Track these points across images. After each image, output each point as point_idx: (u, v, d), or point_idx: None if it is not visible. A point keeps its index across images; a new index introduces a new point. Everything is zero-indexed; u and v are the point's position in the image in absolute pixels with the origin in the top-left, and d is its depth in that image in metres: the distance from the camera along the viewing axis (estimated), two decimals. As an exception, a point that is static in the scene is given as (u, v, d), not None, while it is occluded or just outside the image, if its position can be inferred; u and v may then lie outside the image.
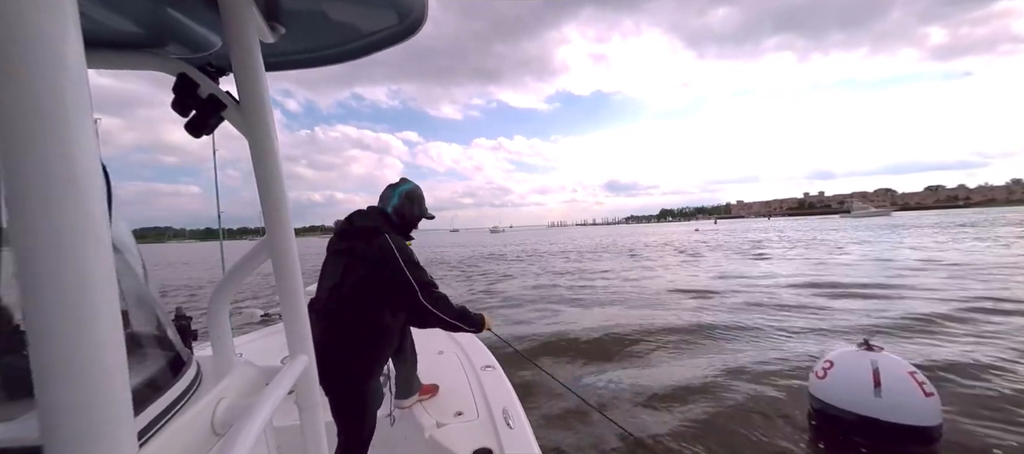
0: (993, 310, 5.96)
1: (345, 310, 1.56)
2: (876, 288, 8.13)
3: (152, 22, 0.73)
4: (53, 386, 0.27)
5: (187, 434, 0.66)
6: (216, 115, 0.78)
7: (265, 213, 0.79)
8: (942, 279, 8.77)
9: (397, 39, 0.92)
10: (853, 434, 2.70)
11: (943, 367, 3.91)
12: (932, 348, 4.54)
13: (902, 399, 2.58)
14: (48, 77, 0.26)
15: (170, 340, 0.84)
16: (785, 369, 4.07)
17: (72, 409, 0.27)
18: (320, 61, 1.02)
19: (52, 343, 0.26)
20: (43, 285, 0.26)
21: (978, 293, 7.10)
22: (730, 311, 6.77)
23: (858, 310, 6.41)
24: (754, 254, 16.99)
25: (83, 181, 0.28)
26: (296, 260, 0.84)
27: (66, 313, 0.27)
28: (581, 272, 13.37)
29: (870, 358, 2.70)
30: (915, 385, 2.59)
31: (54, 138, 0.26)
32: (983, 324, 5.34)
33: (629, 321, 6.26)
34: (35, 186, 0.26)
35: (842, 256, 14.53)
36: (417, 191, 1.79)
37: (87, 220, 0.28)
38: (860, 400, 2.66)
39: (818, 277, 9.92)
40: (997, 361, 4.03)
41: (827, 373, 2.84)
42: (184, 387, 0.75)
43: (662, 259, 16.90)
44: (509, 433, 1.62)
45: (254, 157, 0.76)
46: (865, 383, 2.66)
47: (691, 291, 8.88)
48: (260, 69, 0.72)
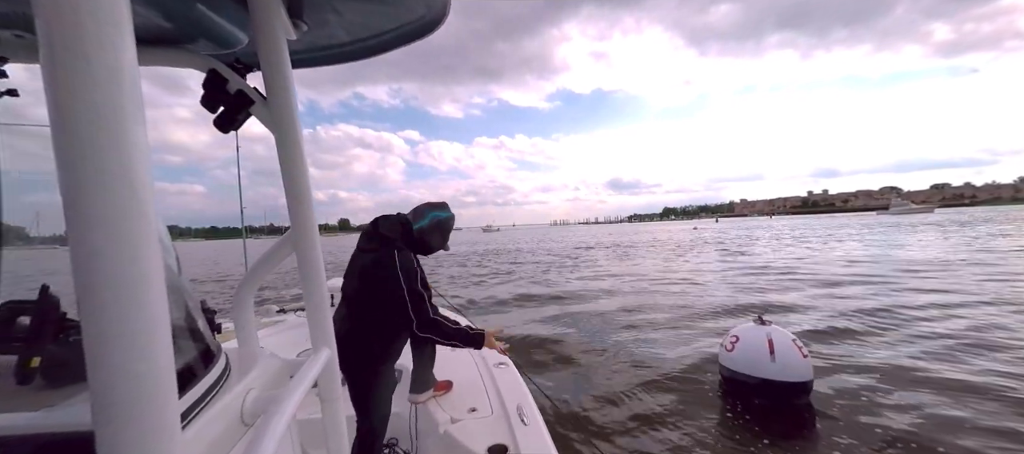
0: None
1: (360, 307, 1.66)
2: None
3: (184, 18, 0.74)
4: (105, 371, 0.28)
5: (220, 423, 0.68)
6: (244, 111, 0.79)
7: (290, 208, 0.80)
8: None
9: (421, 33, 0.92)
10: (755, 394, 3.24)
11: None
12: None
13: (789, 362, 3.13)
14: (106, 81, 0.27)
15: (202, 332, 0.85)
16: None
17: (122, 392, 0.28)
18: (344, 57, 1.02)
19: (104, 330, 0.28)
20: (98, 279, 0.27)
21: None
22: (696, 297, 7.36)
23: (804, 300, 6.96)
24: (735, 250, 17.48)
25: (137, 180, 0.29)
26: (320, 255, 0.84)
27: (119, 304, 0.28)
28: (547, 281, 12.49)
29: (765, 331, 3.24)
30: (796, 349, 3.16)
31: (111, 141, 0.27)
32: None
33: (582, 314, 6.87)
34: (93, 186, 0.27)
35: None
36: (449, 223, 1.81)
37: (140, 218, 0.29)
38: (761, 366, 3.20)
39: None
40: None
41: (735, 346, 3.37)
42: (215, 378, 0.76)
43: (650, 255, 17.41)
44: (524, 430, 1.61)
45: (280, 153, 0.78)
46: (763, 352, 3.19)
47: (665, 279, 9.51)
48: (287, 65, 0.74)
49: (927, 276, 8.91)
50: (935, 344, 4.48)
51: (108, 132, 0.27)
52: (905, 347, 4.44)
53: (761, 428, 2.91)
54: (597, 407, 3.40)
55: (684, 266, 13.36)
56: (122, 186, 0.28)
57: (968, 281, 8.04)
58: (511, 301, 8.55)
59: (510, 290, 9.94)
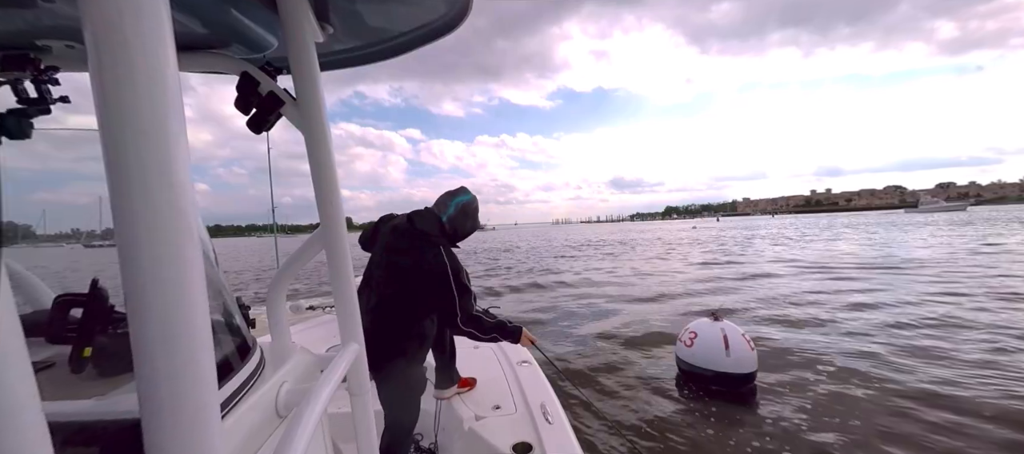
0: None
1: (395, 303, 1.63)
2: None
3: (219, 24, 0.77)
4: (149, 364, 0.29)
5: (256, 414, 0.69)
6: (275, 112, 0.81)
7: (319, 206, 0.82)
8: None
9: (443, 31, 0.92)
10: (711, 385, 3.62)
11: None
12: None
13: (741, 355, 3.53)
14: (149, 88, 0.28)
15: (238, 326, 0.87)
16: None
17: (166, 384, 0.30)
18: (369, 58, 1.04)
19: (149, 325, 0.29)
20: (143, 276, 0.29)
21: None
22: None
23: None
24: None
25: (178, 182, 0.30)
26: (347, 251, 0.85)
27: (162, 300, 0.29)
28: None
29: (719, 327, 3.63)
30: (746, 343, 3.56)
31: (154, 145, 0.28)
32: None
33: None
34: (138, 188, 0.28)
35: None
36: (473, 204, 1.77)
37: (181, 218, 0.30)
38: (717, 360, 3.58)
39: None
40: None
41: (693, 342, 3.74)
42: (251, 370, 0.78)
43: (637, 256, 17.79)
44: (549, 428, 1.61)
45: (310, 152, 0.79)
46: (719, 347, 3.58)
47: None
48: (315, 67, 0.75)
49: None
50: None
51: (151, 136, 0.28)
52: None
53: (714, 407, 3.34)
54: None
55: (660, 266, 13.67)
56: (164, 188, 0.29)
57: None
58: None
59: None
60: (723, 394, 3.55)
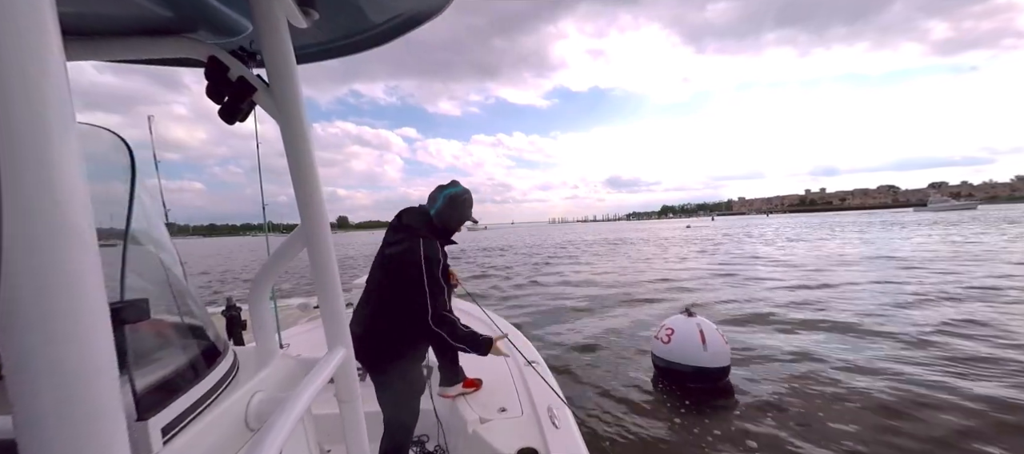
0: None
1: (388, 302, 1.63)
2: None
3: (184, 5, 0.72)
4: (24, 388, 0.26)
5: (218, 428, 0.64)
6: (247, 100, 0.77)
7: (299, 200, 0.78)
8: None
9: (430, 14, 0.89)
10: (688, 381, 3.62)
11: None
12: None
13: (717, 349, 3.53)
14: (25, 77, 0.26)
15: (205, 331, 0.82)
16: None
17: (48, 410, 0.26)
18: (355, 47, 1.00)
19: (27, 343, 0.26)
20: (17, 288, 0.26)
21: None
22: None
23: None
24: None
25: (60, 179, 0.27)
26: (331, 249, 0.81)
27: (42, 310, 0.26)
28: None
29: (695, 322, 3.63)
30: (720, 337, 3.57)
31: (27, 140, 0.26)
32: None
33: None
34: (11, 191, 0.25)
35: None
36: (461, 196, 1.73)
37: (64, 219, 0.27)
38: (695, 355, 3.57)
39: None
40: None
41: (670, 338, 3.73)
42: (218, 379, 0.73)
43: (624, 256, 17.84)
44: (555, 433, 1.55)
45: (286, 143, 0.75)
46: (696, 342, 3.57)
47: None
48: (289, 51, 0.71)
49: None
50: None
51: (23, 132, 0.26)
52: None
53: (692, 403, 3.34)
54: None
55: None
56: (41, 189, 0.26)
57: None
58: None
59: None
60: (701, 390, 3.55)
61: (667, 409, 3.39)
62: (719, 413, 3.25)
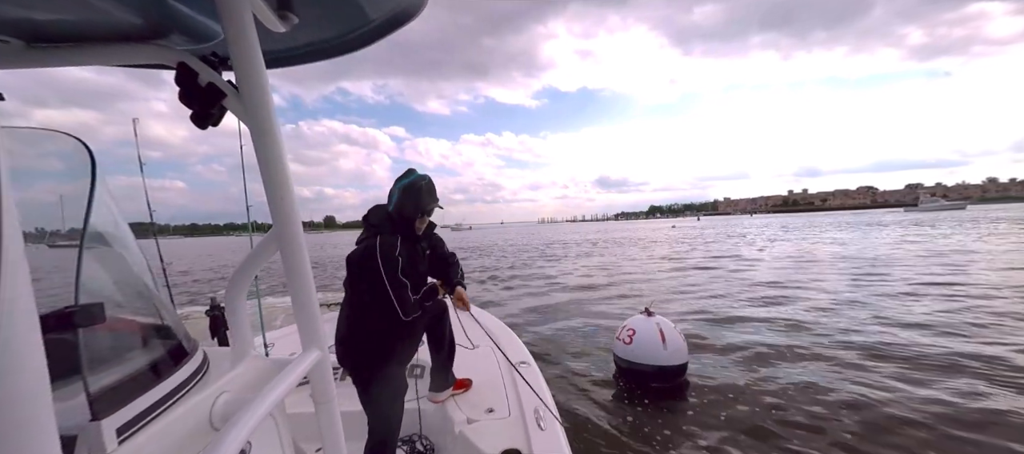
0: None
1: (359, 303, 1.63)
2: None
3: (153, 12, 0.73)
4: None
5: (180, 428, 0.65)
6: (217, 105, 0.77)
7: (270, 202, 0.78)
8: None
9: (410, 16, 0.90)
10: (650, 380, 3.76)
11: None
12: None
13: (676, 347, 3.70)
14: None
15: (172, 331, 0.81)
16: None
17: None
18: (337, 50, 1.00)
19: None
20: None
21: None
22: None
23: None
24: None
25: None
26: (304, 252, 0.81)
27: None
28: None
29: (655, 322, 3.79)
30: (678, 335, 3.75)
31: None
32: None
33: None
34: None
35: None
36: (415, 183, 1.67)
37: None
38: (655, 355, 3.72)
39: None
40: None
41: (632, 339, 3.85)
42: (183, 379, 0.73)
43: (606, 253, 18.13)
44: (540, 435, 1.57)
45: (257, 146, 0.76)
46: (657, 341, 3.73)
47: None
48: (258, 56, 0.72)
49: None
50: None
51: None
52: None
53: (652, 400, 3.50)
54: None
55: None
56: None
57: None
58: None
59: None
60: (659, 390, 3.69)
61: (627, 407, 3.53)
62: (676, 408, 3.41)
